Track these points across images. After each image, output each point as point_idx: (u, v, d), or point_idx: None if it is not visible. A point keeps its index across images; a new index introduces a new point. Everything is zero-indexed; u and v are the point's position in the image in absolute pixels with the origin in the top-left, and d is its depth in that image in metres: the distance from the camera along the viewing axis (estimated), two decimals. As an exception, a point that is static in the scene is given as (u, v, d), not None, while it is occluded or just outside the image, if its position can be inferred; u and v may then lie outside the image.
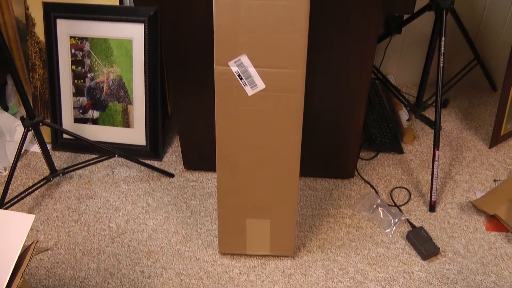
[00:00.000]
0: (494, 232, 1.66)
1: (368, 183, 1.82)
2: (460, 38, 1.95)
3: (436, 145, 1.71)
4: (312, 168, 1.81)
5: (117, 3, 1.80)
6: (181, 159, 1.88)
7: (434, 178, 1.70)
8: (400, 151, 1.95)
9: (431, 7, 1.75)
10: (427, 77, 1.87)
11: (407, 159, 1.92)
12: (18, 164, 1.89)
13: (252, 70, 1.22)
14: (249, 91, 1.24)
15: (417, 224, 1.68)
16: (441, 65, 1.71)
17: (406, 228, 1.67)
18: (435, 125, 1.74)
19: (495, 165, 1.88)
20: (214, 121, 1.30)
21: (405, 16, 1.92)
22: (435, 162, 1.70)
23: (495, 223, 1.68)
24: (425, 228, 1.64)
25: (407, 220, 1.69)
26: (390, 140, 1.96)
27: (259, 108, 1.26)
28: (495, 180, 1.83)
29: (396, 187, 1.81)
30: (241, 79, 1.23)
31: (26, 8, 1.87)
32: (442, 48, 1.70)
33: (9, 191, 1.73)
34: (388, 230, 1.66)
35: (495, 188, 1.79)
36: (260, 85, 1.23)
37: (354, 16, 1.40)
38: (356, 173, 1.86)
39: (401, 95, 1.98)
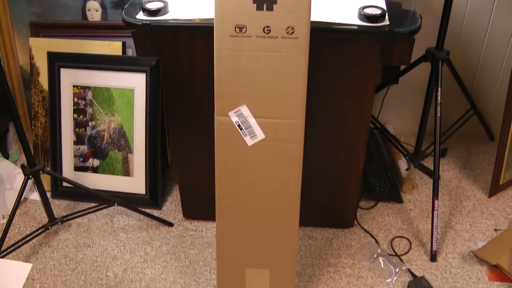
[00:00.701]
0: (497, 282, 1.64)
1: (368, 232, 1.81)
2: (457, 88, 1.98)
3: (435, 195, 1.71)
4: (312, 218, 1.80)
5: (120, 53, 1.85)
6: (181, 208, 1.87)
7: (434, 227, 1.69)
8: (400, 200, 1.95)
9: (427, 58, 1.79)
10: (425, 126, 1.89)
11: (406, 209, 1.91)
12: (16, 212, 1.88)
13: (252, 121, 1.23)
14: (249, 141, 1.25)
15: (418, 274, 1.66)
16: (438, 114, 1.73)
17: (407, 278, 1.65)
18: (434, 175, 1.74)
19: (495, 214, 1.88)
20: (214, 170, 1.31)
21: (402, 67, 1.96)
22: (435, 212, 1.69)
23: (498, 273, 1.66)
24: (426, 278, 1.62)
25: (408, 269, 1.67)
26: (390, 190, 1.96)
27: (259, 158, 1.27)
28: (496, 230, 1.82)
29: (397, 237, 1.80)
30: (241, 129, 1.24)
31: (31, 58, 1.91)
32: (439, 98, 1.73)
33: (6, 239, 1.72)
34: (389, 280, 1.64)
35: (496, 238, 1.78)
36: (260, 135, 1.25)
37: (352, 67, 1.43)
38: (356, 222, 1.85)
39: (399, 145, 1.99)
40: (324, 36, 1.35)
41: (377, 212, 1.90)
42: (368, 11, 1.32)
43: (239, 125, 1.24)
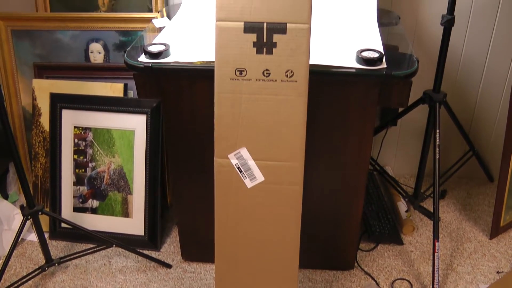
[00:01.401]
0: (500, 328, 1.61)
1: (369, 274, 1.79)
2: (455, 130, 2.00)
3: (435, 236, 1.70)
4: (311, 260, 1.78)
5: (121, 94, 1.87)
6: (179, 249, 1.86)
7: (435, 269, 1.67)
8: (400, 242, 1.93)
9: (424, 100, 1.82)
10: (424, 168, 1.89)
11: (407, 250, 1.90)
12: (13, 253, 1.86)
13: (251, 163, 1.24)
14: (249, 184, 1.26)
15: (420, 318, 1.63)
16: (437, 156, 1.74)
17: (409, 323, 1.62)
18: (434, 216, 1.74)
19: (497, 256, 1.86)
20: (214, 212, 1.31)
21: (400, 109, 1.98)
22: (436, 254, 1.68)
23: (500, 318, 1.64)
24: (428, 323, 1.60)
25: (410, 314, 1.64)
26: (389, 231, 1.95)
27: (258, 200, 1.27)
28: (498, 272, 1.80)
29: (397, 279, 1.77)
30: (240, 171, 1.25)
31: (34, 99, 1.93)
32: (437, 140, 1.74)
33: (2, 280, 1.70)
34: (391, 325, 1.62)
35: (499, 280, 1.76)
36: (260, 177, 1.25)
37: (351, 109, 1.45)
38: (356, 264, 1.83)
39: (399, 186, 1.99)
40: (323, 79, 1.37)
41: (377, 254, 1.88)
42: (366, 54, 1.34)
43: (238, 168, 1.25)
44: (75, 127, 1.88)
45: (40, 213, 1.64)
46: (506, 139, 1.78)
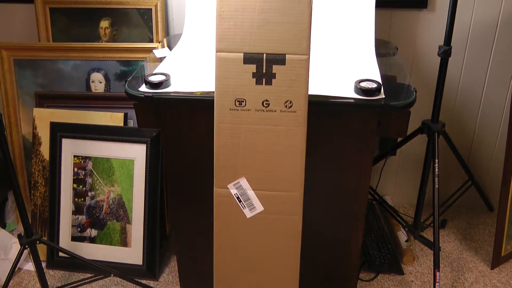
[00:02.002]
0: None
1: (369, 306, 1.77)
2: (454, 159, 2.00)
3: (436, 266, 1.69)
4: (311, 290, 1.76)
5: (121, 123, 1.88)
6: (178, 279, 1.84)
7: (436, 301, 1.66)
8: (400, 272, 1.92)
9: (423, 130, 1.82)
10: (423, 198, 1.89)
11: (407, 280, 1.88)
12: (10, 283, 1.84)
13: (251, 193, 1.24)
14: (248, 213, 1.26)
15: None
16: (436, 186, 1.74)
17: None
18: (434, 246, 1.73)
19: (499, 286, 1.85)
20: (213, 242, 1.30)
21: (399, 139, 1.99)
22: (437, 284, 1.66)
23: None
24: None
25: None
26: (390, 261, 1.93)
27: (258, 230, 1.27)
28: (499, 304, 1.78)
29: (398, 311, 1.76)
30: (240, 201, 1.25)
31: (34, 128, 1.94)
32: (436, 170, 1.74)
33: (-1, 312, 1.68)
34: None
35: (500, 312, 1.74)
36: (259, 207, 1.25)
37: (350, 139, 1.45)
38: (356, 295, 1.81)
39: (398, 216, 1.99)
40: (322, 109, 1.38)
41: (377, 284, 1.87)
42: (364, 84, 1.36)
43: (238, 198, 1.25)
44: (75, 156, 1.89)
45: (37, 242, 1.63)
46: (505, 168, 1.79)
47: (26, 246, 1.62)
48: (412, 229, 1.92)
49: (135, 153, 1.83)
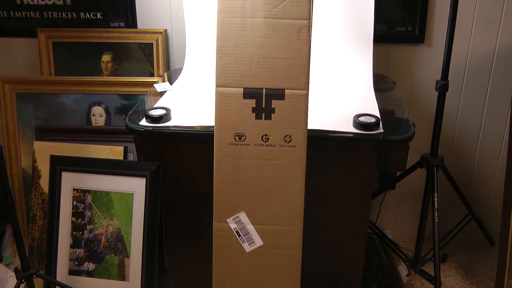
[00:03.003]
0: None
1: None
2: (453, 193, 2.00)
3: (438, 302, 1.67)
4: (311, 326, 1.74)
5: (121, 157, 1.88)
6: (176, 314, 1.81)
7: (438, 338, 1.63)
8: (402, 307, 1.89)
9: (422, 164, 1.83)
10: (423, 232, 1.88)
11: (409, 317, 1.85)
12: (6, 319, 1.82)
13: (250, 227, 1.24)
14: (247, 248, 1.25)
15: None
16: (436, 220, 1.74)
17: None
18: (435, 281, 1.71)
19: (501, 323, 1.82)
20: (212, 277, 1.29)
21: (398, 173, 1.99)
22: (438, 320, 1.64)
23: None
24: None
25: None
26: (391, 296, 1.91)
27: (257, 265, 1.26)
28: None
29: None
30: (239, 236, 1.24)
31: (34, 161, 1.95)
32: (436, 204, 1.74)
33: None
34: None
35: None
36: (258, 241, 1.24)
37: (349, 173, 1.46)
38: (357, 331, 1.78)
39: (399, 250, 1.97)
40: (321, 144, 1.38)
41: (378, 320, 1.84)
42: (362, 119, 1.37)
43: (237, 232, 1.24)
44: (74, 189, 1.88)
45: (34, 276, 1.62)
46: (505, 202, 1.78)
47: (23, 280, 1.61)
48: (412, 264, 1.90)
49: (135, 187, 1.83)
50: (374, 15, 1.64)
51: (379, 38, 1.76)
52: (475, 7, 1.86)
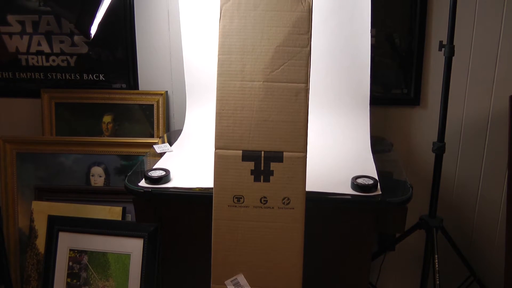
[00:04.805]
0: None
1: None
2: (454, 254, 1.98)
3: None
4: None
5: (119, 218, 1.88)
6: None
7: None
8: None
9: (421, 225, 1.82)
10: (425, 294, 1.85)
11: None
12: None
13: (248, 290, 1.22)
14: (245, 311, 1.23)
15: None
16: (437, 282, 1.71)
17: None
18: None
19: None
20: None
21: (397, 234, 1.98)
22: None
23: None
24: None
25: None
26: None
27: (255, 329, 1.23)
28: None
29: None
30: (237, 299, 1.23)
31: (32, 221, 1.94)
32: (436, 265, 1.72)
33: None
34: None
35: None
36: (257, 305, 1.23)
37: (348, 235, 1.45)
38: None
39: (400, 313, 1.94)
40: (320, 206, 1.39)
41: None
42: (360, 181, 1.38)
43: (235, 295, 1.23)
44: (70, 250, 1.86)
45: None
46: (507, 264, 1.76)
47: None
48: (414, 328, 1.86)
49: (132, 248, 1.81)
50: (370, 77, 1.69)
51: (375, 100, 1.80)
52: (468, 70, 1.91)
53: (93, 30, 1.64)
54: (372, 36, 1.71)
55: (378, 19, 1.82)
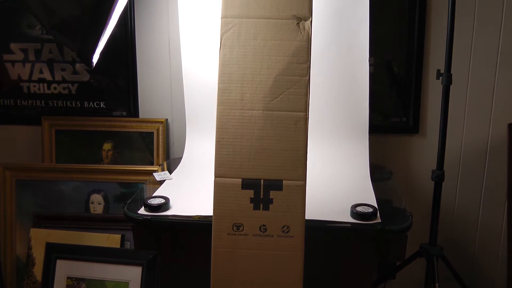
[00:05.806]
0: None
1: None
2: (455, 283, 1.96)
3: None
4: None
5: (118, 245, 1.87)
6: None
7: None
8: None
9: (421, 253, 1.81)
10: (426, 324, 1.83)
11: None
12: None
13: (247, 320, 1.21)
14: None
15: None
16: (439, 312, 1.70)
17: None
18: None
19: None
20: None
21: (398, 262, 1.96)
22: None
23: None
24: None
25: None
26: None
27: None
28: None
29: None
30: (236, 327, 1.21)
31: (29, 248, 1.93)
32: (438, 295, 1.70)
33: None
34: None
35: None
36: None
37: (348, 263, 1.44)
38: None
39: None
40: (319, 234, 1.38)
41: None
42: (360, 209, 1.38)
43: (234, 323, 1.21)
44: (68, 277, 1.85)
45: None
46: (507, 294, 1.75)
47: None
48: None
49: (131, 276, 1.80)
50: (369, 105, 1.70)
51: (374, 128, 1.81)
52: (466, 98, 1.93)
53: (95, 58, 1.65)
54: (370, 65, 1.73)
55: (376, 48, 1.85)
